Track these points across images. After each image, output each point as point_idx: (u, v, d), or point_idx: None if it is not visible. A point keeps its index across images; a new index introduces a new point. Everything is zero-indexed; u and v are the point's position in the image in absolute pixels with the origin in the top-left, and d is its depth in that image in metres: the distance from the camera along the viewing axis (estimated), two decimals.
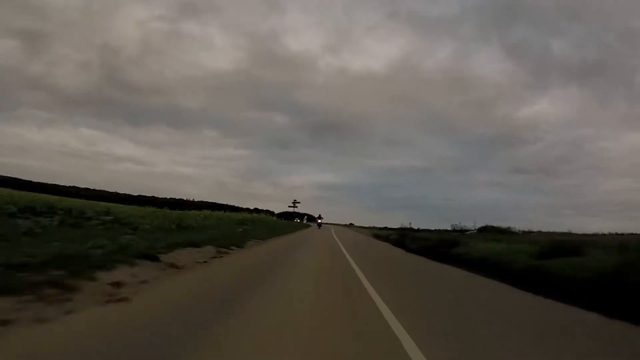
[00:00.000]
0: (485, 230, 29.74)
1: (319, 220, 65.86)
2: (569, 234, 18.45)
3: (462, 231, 29.28)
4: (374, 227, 73.81)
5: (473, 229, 30.46)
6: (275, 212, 77.71)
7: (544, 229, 23.02)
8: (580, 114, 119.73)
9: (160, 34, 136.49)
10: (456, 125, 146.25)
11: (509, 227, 28.86)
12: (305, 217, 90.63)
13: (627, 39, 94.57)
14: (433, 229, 36.57)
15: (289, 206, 74.91)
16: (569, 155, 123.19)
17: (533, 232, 24.01)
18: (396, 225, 40.03)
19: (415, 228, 34.77)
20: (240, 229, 20.36)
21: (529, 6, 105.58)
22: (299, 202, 75.04)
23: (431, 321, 4.35)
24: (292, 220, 71.59)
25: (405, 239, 20.95)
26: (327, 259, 11.22)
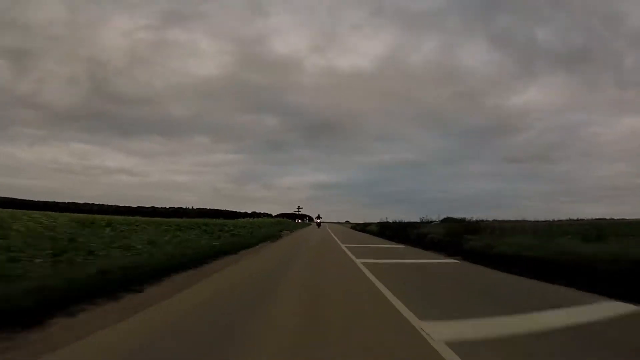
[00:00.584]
0: (446, 221, 39.84)
1: (318, 220, 76.46)
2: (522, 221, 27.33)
3: (428, 222, 39.26)
4: (371, 223, 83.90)
5: (437, 220, 40.52)
6: (277, 214, 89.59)
7: (540, 217, 23.37)
8: (570, 100, 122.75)
9: (146, 44, 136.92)
10: (447, 117, 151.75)
11: (464, 218, 39.04)
12: (307, 218, 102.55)
13: (612, 24, 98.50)
14: (407, 221, 46.12)
15: (294, 211, 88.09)
16: (561, 141, 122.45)
17: (485, 220, 34.03)
18: (392, 220, 48.69)
19: (391, 221, 44.66)
20: (274, 228, 30.21)
21: None
22: (302, 208, 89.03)
23: (361, 250, 14.41)
24: (295, 221, 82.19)
25: (380, 229, 31.12)
26: (326, 235, 21.83)
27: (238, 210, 79.13)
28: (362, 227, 46.64)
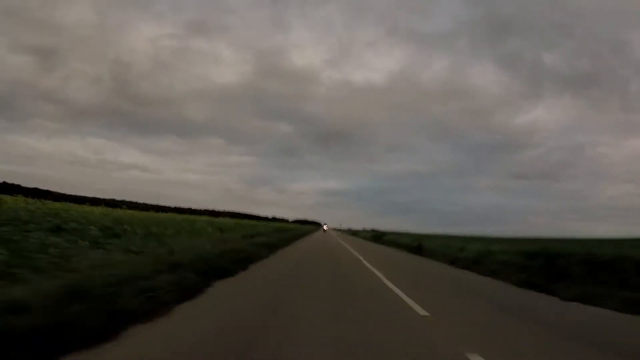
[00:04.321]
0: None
1: (324, 227, 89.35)
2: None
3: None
4: (374, 231, 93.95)
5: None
6: (294, 219, 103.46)
7: (547, 234, 27.57)
8: (577, 121, 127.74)
9: (170, 50, 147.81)
10: (456, 132, 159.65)
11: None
12: (315, 224, 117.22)
13: (619, 52, 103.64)
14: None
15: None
16: (569, 160, 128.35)
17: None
18: (399, 229, 57.86)
19: (382, 230, 56.55)
20: (295, 231, 42.96)
21: (522, 21, 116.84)
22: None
23: (353, 244, 27.03)
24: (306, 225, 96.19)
25: (370, 235, 43.91)
26: (330, 234, 37.12)
27: (259, 214, 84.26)
28: (355, 233, 66.34)
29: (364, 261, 12.34)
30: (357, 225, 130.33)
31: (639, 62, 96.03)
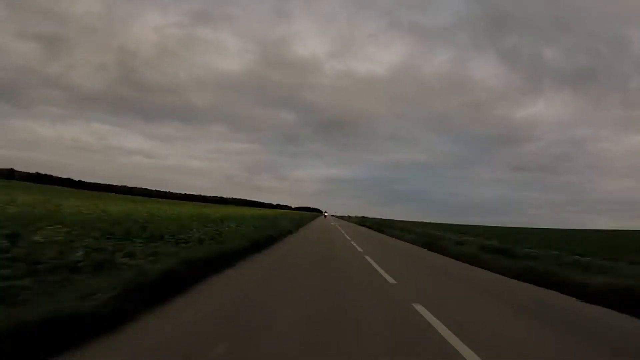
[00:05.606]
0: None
1: (325, 214, 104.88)
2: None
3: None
4: (375, 218, 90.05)
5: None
6: (296, 206, 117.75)
7: (548, 225, 38.97)
8: (576, 116, 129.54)
9: (175, 39, 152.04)
10: (457, 124, 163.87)
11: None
12: (317, 211, 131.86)
13: (618, 48, 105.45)
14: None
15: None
16: (569, 154, 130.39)
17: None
18: (399, 217, 70.29)
19: (369, 216, 70.50)
20: (302, 217, 56.14)
21: (521, 17, 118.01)
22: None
23: (342, 225, 40.08)
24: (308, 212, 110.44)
25: (361, 221, 57.22)
26: (328, 222, 49.50)
27: (263, 202, 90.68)
28: (348, 219, 79.73)
29: (342, 231, 25.54)
30: (357, 213, 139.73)
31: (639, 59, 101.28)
